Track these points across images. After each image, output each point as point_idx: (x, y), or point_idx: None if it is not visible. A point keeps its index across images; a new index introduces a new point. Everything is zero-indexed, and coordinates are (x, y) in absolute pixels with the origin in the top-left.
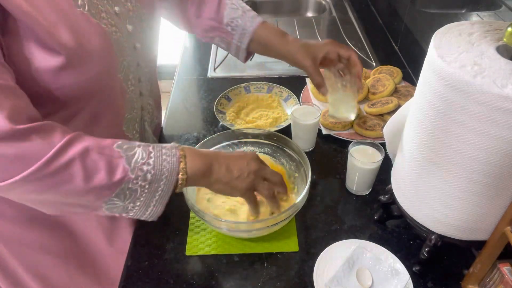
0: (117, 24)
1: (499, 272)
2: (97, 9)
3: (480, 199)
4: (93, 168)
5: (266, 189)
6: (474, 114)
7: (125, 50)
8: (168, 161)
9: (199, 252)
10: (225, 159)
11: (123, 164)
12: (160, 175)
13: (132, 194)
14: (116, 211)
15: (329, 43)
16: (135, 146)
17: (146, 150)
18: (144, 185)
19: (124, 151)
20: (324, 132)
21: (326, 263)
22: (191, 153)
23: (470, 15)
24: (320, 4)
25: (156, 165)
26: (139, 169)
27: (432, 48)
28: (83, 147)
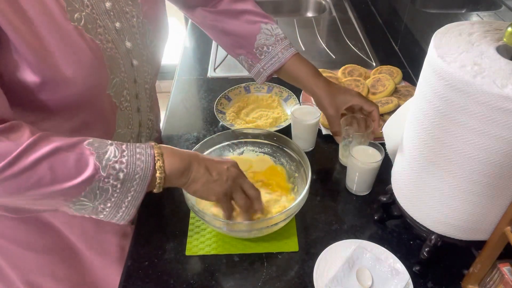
0: (114, 41)
1: (499, 272)
2: (95, 24)
3: (480, 199)
4: (62, 166)
5: (243, 199)
6: (474, 114)
7: (120, 67)
8: (142, 160)
9: (199, 252)
10: (204, 161)
11: (94, 161)
12: (133, 175)
13: (103, 194)
14: (85, 212)
15: (355, 96)
16: (107, 144)
17: (119, 148)
18: (116, 184)
19: (95, 148)
20: (324, 132)
21: (326, 263)
22: (168, 152)
23: (470, 15)
24: (320, 4)
25: (130, 164)
26: (111, 167)
27: (432, 48)
28: (51, 147)
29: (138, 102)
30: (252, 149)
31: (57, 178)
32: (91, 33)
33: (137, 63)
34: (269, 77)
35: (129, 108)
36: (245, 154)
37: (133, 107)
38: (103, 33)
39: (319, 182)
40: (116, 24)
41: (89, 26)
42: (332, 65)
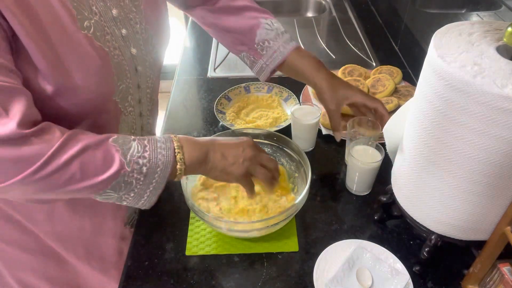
0: (121, 47)
1: (499, 272)
2: (103, 31)
3: (480, 199)
4: (91, 163)
5: (263, 174)
6: (474, 114)
7: (126, 73)
8: (163, 154)
9: (199, 252)
10: (220, 146)
11: (119, 157)
12: (155, 168)
13: (127, 186)
14: (109, 200)
15: (358, 92)
16: (131, 140)
17: (141, 144)
18: (139, 177)
19: (120, 145)
20: (324, 132)
21: (326, 263)
22: (188, 143)
23: (470, 15)
24: (320, 4)
25: (152, 159)
26: (135, 162)
27: (432, 48)
28: (81, 146)
29: (140, 107)
30: None
31: (86, 175)
32: (100, 41)
33: (141, 69)
34: (272, 73)
35: (133, 113)
36: None
37: (136, 112)
38: (110, 40)
39: (319, 182)
40: (122, 31)
41: (98, 33)
42: (332, 65)
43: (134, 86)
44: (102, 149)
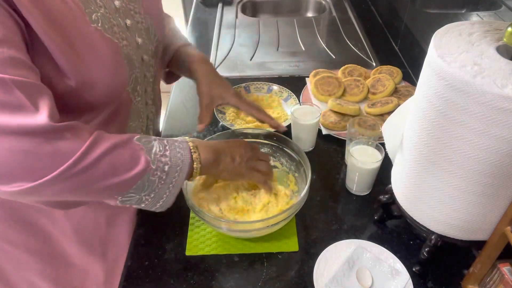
0: (128, 38)
1: (499, 272)
2: (110, 23)
3: (480, 199)
4: (119, 161)
5: (264, 165)
6: (474, 114)
7: (134, 63)
8: (181, 153)
9: (199, 252)
10: (228, 149)
11: (145, 156)
12: (175, 166)
13: (150, 185)
14: (129, 203)
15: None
16: (152, 140)
17: (162, 143)
18: (162, 176)
19: (143, 143)
20: (324, 132)
21: (326, 263)
22: (202, 145)
23: (470, 15)
24: (320, 4)
25: (172, 157)
26: (158, 160)
27: (432, 48)
28: (110, 144)
29: (146, 96)
30: None
31: (116, 172)
32: (109, 33)
33: (146, 58)
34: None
35: (141, 103)
36: None
37: (143, 101)
38: (118, 32)
39: (319, 182)
40: (126, 22)
41: (106, 26)
42: (332, 65)
43: (141, 76)
44: (129, 147)
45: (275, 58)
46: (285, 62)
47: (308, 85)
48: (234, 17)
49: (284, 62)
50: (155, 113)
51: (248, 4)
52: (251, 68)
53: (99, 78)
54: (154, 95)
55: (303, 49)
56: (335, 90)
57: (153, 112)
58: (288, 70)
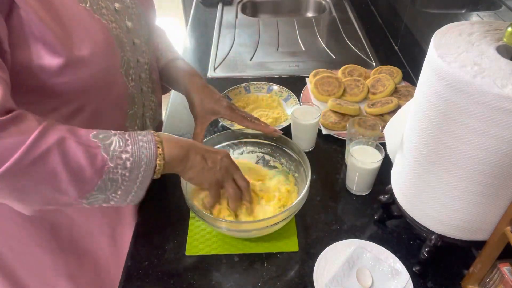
0: (117, 21)
1: (499, 272)
2: (98, 5)
3: (480, 199)
4: (72, 157)
5: (233, 188)
6: (474, 114)
7: (125, 46)
8: (145, 147)
9: (199, 252)
10: (201, 149)
11: (101, 153)
12: (139, 162)
13: (114, 183)
14: (97, 203)
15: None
16: (111, 135)
17: (122, 138)
18: (125, 173)
19: (100, 140)
20: (324, 132)
21: (326, 263)
22: (167, 139)
23: (470, 15)
24: (320, 4)
25: (135, 152)
26: (118, 157)
27: (432, 48)
28: (59, 137)
29: (141, 82)
30: (252, 149)
31: (69, 170)
32: (97, 14)
33: (138, 42)
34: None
35: (135, 88)
36: (245, 155)
37: (137, 87)
38: (106, 14)
39: (319, 182)
40: (115, 5)
41: (94, 7)
42: (332, 65)
43: (134, 60)
44: (84, 144)
45: (275, 58)
46: (285, 62)
47: (308, 85)
48: (234, 17)
49: (284, 62)
50: (156, 103)
51: (248, 4)
52: (251, 68)
53: (90, 56)
54: (151, 83)
55: (303, 49)
56: (335, 90)
57: (153, 101)
58: (288, 70)
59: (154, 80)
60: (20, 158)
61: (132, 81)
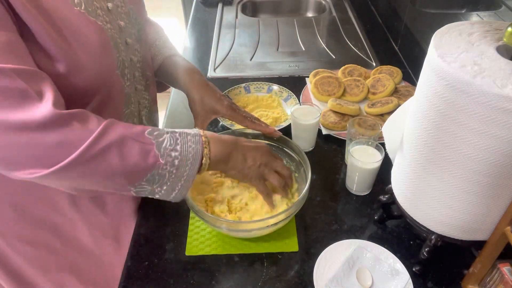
0: (111, 21)
1: (499, 272)
2: (93, 6)
3: (480, 199)
4: (128, 154)
5: (276, 179)
6: (474, 114)
7: (119, 46)
8: (193, 147)
9: (199, 252)
10: (242, 148)
11: (154, 150)
12: (186, 161)
13: (161, 178)
14: (143, 194)
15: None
16: (164, 133)
17: (173, 137)
18: (172, 170)
19: (154, 137)
20: (324, 132)
21: (326, 263)
22: (214, 140)
23: (470, 15)
24: (320, 4)
25: (183, 151)
26: (168, 155)
27: (432, 48)
28: (119, 134)
29: (135, 81)
30: None
31: (125, 165)
32: (93, 15)
33: (130, 41)
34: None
35: (130, 87)
36: None
37: (132, 86)
38: (101, 14)
39: (319, 182)
40: (108, 5)
41: (89, 9)
42: (332, 65)
43: (128, 59)
44: (139, 140)
45: (275, 58)
46: (285, 62)
47: (308, 85)
48: (234, 17)
49: (284, 62)
50: (150, 100)
51: (248, 4)
52: (251, 68)
53: (87, 61)
54: (145, 81)
55: (303, 49)
56: (335, 90)
57: (148, 99)
58: (288, 70)
59: (148, 77)
60: (83, 152)
61: (128, 81)
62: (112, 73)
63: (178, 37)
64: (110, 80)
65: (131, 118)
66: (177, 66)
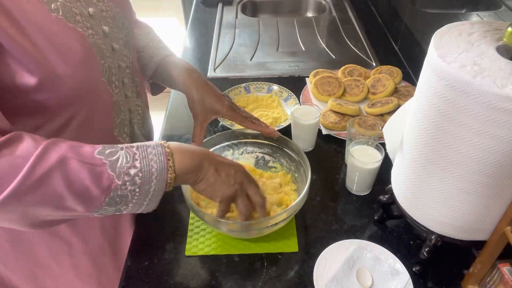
0: (93, 27)
1: (499, 272)
2: (71, 12)
3: (480, 199)
4: (75, 178)
5: (244, 206)
6: (474, 114)
7: (104, 52)
8: (155, 160)
9: (199, 253)
10: (215, 161)
11: (107, 171)
12: (149, 176)
13: (123, 199)
14: (108, 213)
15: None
16: (118, 150)
17: (130, 153)
18: (134, 189)
19: (106, 156)
20: (324, 132)
21: (326, 263)
22: (178, 151)
23: (470, 15)
24: (320, 4)
25: (144, 167)
26: (126, 173)
27: (432, 48)
28: (59, 156)
29: (124, 88)
30: (252, 150)
31: (73, 190)
32: (71, 22)
33: (117, 47)
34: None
35: (119, 95)
36: (244, 155)
37: (121, 93)
38: (81, 21)
39: (319, 182)
40: (89, 10)
41: (67, 15)
42: (332, 65)
43: (115, 66)
44: (87, 162)
45: (275, 58)
46: (285, 62)
47: (308, 85)
48: (234, 17)
49: (284, 62)
50: (143, 107)
51: (248, 4)
52: (251, 68)
53: (65, 71)
54: (135, 87)
55: (303, 49)
56: (335, 90)
57: (140, 105)
58: (288, 70)
59: (138, 83)
60: (21, 182)
61: (116, 88)
62: (97, 81)
63: (178, 37)
64: (96, 88)
65: (122, 128)
66: (175, 66)
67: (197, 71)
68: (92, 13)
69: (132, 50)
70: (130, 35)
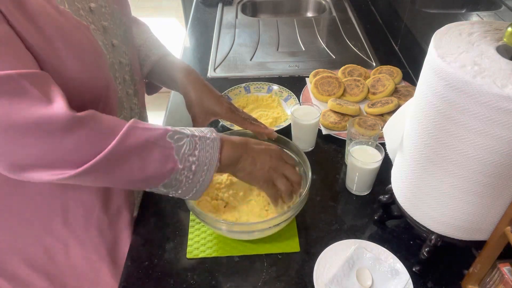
0: (94, 22)
1: (499, 272)
2: (75, 6)
3: (480, 199)
4: (149, 160)
5: (284, 185)
6: (474, 114)
7: (106, 47)
8: (210, 152)
9: (200, 255)
10: (252, 151)
11: (173, 155)
12: (202, 166)
13: (177, 183)
14: (159, 192)
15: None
16: (184, 137)
17: (192, 141)
18: (189, 175)
19: (175, 141)
20: (324, 132)
21: (326, 263)
22: (227, 144)
23: (470, 15)
24: (320, 4)
25: (200, 157)
26: (186, 160)
27: (432, 48)
28: (142, 140)
29: (126, 85)
30: None
31: (145, 169)
32: (76, 15)
33: (116, 43)
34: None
35: (122, 91)
36: None
37: (124, 90)
38: (84, 15)
39: (319, 182)
40: (90, 5)
41: (72, 8)
42: (332, 65)
43: (117, 62)
44: (159, 145)
45: (275, 58)
46: (285, 62)
47: (308, 85)
48: (234, 17)
49: (284, 62)
50: (139, 105)
51: (248, 4)
52: (251, 68)
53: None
54: (134, 85)
55: (303, 49)
56: (335, 90)
57: (136, 103)
58: (288, 70)
59: (136, 82)
60: (104, 157)
61: (119, 85)
62: (106, 76)
63: (178, 37)
64: (106, 82)
65: None
66: (173, 66)
67: (195, 72)
68: (93, 8)
69: (131, 47)
70: (128, 32)
